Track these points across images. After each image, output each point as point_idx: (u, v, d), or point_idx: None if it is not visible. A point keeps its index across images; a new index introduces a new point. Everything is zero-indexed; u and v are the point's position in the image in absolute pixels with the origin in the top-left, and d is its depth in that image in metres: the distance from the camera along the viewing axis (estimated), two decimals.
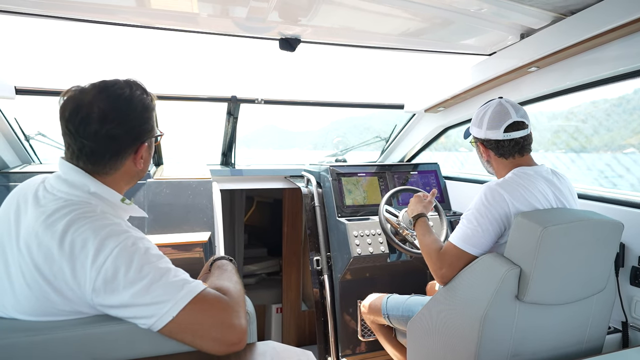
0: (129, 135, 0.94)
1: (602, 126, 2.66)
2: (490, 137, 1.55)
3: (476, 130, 1.60)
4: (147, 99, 0.99)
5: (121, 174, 0.97)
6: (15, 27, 1.88)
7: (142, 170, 1.02)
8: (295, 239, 3.16)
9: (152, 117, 1.00)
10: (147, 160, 1.02)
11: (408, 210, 1.93)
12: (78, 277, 0.80)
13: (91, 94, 0.91)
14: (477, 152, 1.69)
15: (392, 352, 2.00)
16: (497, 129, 1.53)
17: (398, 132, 3.05)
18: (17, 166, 2.26)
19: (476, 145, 1.67)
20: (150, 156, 1.03)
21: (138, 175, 1.02)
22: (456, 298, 1.42)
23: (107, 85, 0.94)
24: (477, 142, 1.64)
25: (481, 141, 1.60)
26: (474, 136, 1.64)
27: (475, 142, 1.66)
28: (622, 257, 1.75)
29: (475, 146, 1.68)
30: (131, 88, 0.96)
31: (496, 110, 1.54)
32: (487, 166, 1.68)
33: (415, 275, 2.50)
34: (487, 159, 1.64)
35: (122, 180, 0.99)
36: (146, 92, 1.00)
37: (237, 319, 0.83)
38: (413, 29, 1.86)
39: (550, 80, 1.91)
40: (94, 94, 0.91)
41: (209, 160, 2.92)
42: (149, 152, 1.02)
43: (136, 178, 1.03)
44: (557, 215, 1.32)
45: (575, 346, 1.45)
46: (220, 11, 1.64)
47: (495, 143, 1.55)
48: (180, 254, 1.92)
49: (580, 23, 1.57)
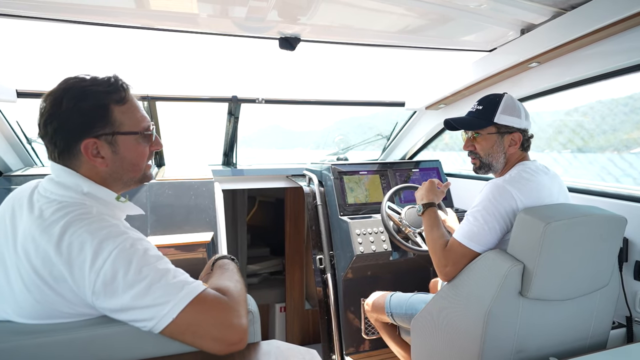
0: (64, 128, 0.89)
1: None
2: (528, 128, 1.55)
3: (516, 120, 1.51)
4: (96, 91, 0.91)
5: (86, 173, 0.92)
6: (17, 30, 1.88)
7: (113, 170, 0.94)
8: (297, 238, 3.16)
9: (100, 111, 0.91)
10: (113, 159, 0.94)
11: (418, 194, 1.78)
12: (77, 281, 0.80)
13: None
14: (496, 144, 1.55)
15: (396, 350, 2.00)
16: (528, 121, 1.54)
17: (399, 130, 3.05)
18: (20, 169, 2.26)
19: (499, 137, 1.54)
20: (117, 156, 0.94)
21: (113, 177, 0.95)
22: (459, 295, 1.42)
23: (65, 79, 0.93)
24: (511, 132, 1.52)
25: (520, 131, 1.53)
26: (506, 126, 1.52)
27: (499, 134, 1.54)
28: (626, 251, 1.74)
29: (497, 138, 1.54)
30: (83, 82, 0.92)
31: (518, 103, 1.55)
32: (499, 161, 1.56)
33: (418, 272, 2.50)
34: (510, 152, 1.54)
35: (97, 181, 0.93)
36: (106, 85, 0.93)
37: (237, 319, 0.83)
38: (413, 26, 1.86)
39: (551, 76, 1.90)
40: (51, 91, 0.93)
41: (211, 160, 2.93)
42: (110, 150, 0.93)
43: (119, 181, 0.97)
44: (560, 211, 1.32)
45: (579, 341, 1.45)
46: (219, 11, 1.64)
47: (528, 135, 1.56)
48: (183, 255, 1.92)
49: (581, 18, 1.56)
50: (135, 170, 0.99)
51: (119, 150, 0.95)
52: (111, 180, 0.96)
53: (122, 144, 0.95)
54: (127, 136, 0.95)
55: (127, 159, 0.96)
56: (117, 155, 0.95)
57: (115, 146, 0.94)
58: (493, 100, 1.56)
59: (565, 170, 2.76)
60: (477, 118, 1.58)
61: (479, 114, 1.58)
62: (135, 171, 0.99)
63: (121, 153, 0.95)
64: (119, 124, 0.94)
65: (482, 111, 1.57)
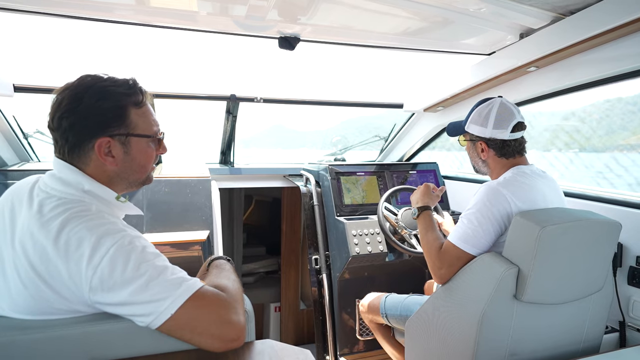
0: (80, 124, 0.90)
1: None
2: (497, 137, 1.53)
3: (478, 129, 1.56)
4: (116, 92, 0.92)
5: (93, 170, 0.93)
6: (14, 24, 1.87)
7: (121, 170, 0.95)
8: (294, 238, 3.16)
9: (118, 111, 0.92)
10: (123, 160, 0.95)
11: (413, 197, 1.81)
12: (74, 277, 0.80)
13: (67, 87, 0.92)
14: (472, 151, 1.64)
15: (390, 351, 2.01)
16: (504, 129, 1.52)
17: (397, 132, 3.06)
18: (16, 164, 2.25)
19: (472, 145, 1.62)
20: (127, 156, 0.95)
21: (120, 176, 0.96)
22: (454, 297, 1.42)
23: (84, 76, 0.94)
24: (477, 141, 1.59)
25: (484, 140, 1.56)
26: (473, 135, 1.60)
27: (471, 141, 1.62)
28: (620, 257, 1.75)
29: (471, 145, 1.63)
30: (102, 81, 0.93)
31: (501, 110, 1.53)
32: (481, 166, 1.63)
33: (414, 274, 2.50)
34: (484, 159, 1.60)
35: (102, 179, 0.94)
36: (125, 87, 0.94)
37: (235, 316, 0.83)
38: (412, 29, 1.86)
39: (550, 80, 1.91)
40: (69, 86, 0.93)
41: (208, 159, 2.92)
42: (122, 150, 0.94)
43: (124, 181, 0.98)
44: (555, 215, 1.32)
45: (572, 345, 1.45)
46: (219, 9, 1.64)
47: (500, 143, 1.54)
48: (178, 253, 1.92)
49: (580, 23, 1.57)
50: (142, 171, 1.00)
51: (131, 152, 0.96)
52: (117, 180, 0.97)
53: (134, 146, 0.96)
54: (139, 138, 0.97)
55: (136, 161, 0.97)
56: (128, 156, 0.96)
57: (128, 147, 0.95)
58: (475, 106, 1.62)
59: (562, 175, 2.77)
60: (457, 125, 1.68)
61: (462, 121, 1.66)
62: (141, 172, 1.00)
63: (132, 154, 0.96)
64: (133, 126, 0.95)
65: (465, 118, 1.64)
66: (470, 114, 1.62)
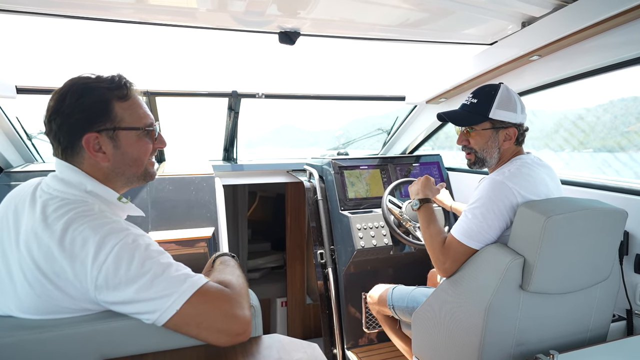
0: (67, 124, 0.91)
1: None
2: (523, 122, 1.51)
3: (510, 115, 1.48)
4: (98, 87, 0.93)
5: (88, 169, 0.94)
6: (16, 26, 1.87)
7: (115, 166, 0.95)
8: (298, 232, 3.16)
9: (100, 106, 0.92)
10: (114, 154, 0.94)
11: (412, 188, 1.77)
12: (79, 276, 0.81)
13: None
14: (490, 140, 1.52)
15: (397, 343, 2.01)
16: (524, 114, 1.50)
17: (400, 124, 3.05)
18: (20, 165, 2.27)
19: (493, 133, 1.51)
20: (118, 151, 0.95)
21: (116, 172, 0.96)
22: (460, 289, 1.42)
23: (71, 78, 0.95)
24: (505, 128, 1.49)
25: (515, 126, 1.50)
26: (500, 121, 1.49)
27: (494, 129, 1.50)
28: (626, 245, 1.75)
29: (492, 133, 1.51)
30: (86, 79, 0.94)
31: (514, 94, 1.51)
32: (494, 157, 1.53)
33: (419, 266, 2.50)
34: (505, 147, 1.51)
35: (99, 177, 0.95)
36: (108, 82, 0.94)
37: (240, 310, 0.84)
38: (413, 20, 1.85)
39: (553, 69, 1.89)
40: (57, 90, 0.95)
41: (211, 156, 2.93)
42: (111, 145, 0.94)
43: (121, 177, 0.98)
44: (560, 205, 1.32)
45: (579, 334, 1.45)
46: (218, 5, 1.63)
47: (524, 128, 1.53)
48: (184, 250, 1.93)
49: (582, 10, 1.55)
50: (136, 165, 0.99)
51: (121, 145, 0.95)
52: (114, 176, 0.97)
53: (123, 139, 0.96)
54: (128, 132, 0.96)
55: (128, 154, 0.97)
56: (118, 150, 0.95)
57: (117, 141, 0.95)
58: (488, 93, 1.51)
59: (566, 163, 2.74)
60: (471, 112, 1.54)
61: (473, 108, 1.53)
62: (136, 166, 0.99)
63: (122, 148, 0.96)
64: (119, 120, 0.95)
65: (477, 105, 1.52)
66: (490, 99, 1.49)
